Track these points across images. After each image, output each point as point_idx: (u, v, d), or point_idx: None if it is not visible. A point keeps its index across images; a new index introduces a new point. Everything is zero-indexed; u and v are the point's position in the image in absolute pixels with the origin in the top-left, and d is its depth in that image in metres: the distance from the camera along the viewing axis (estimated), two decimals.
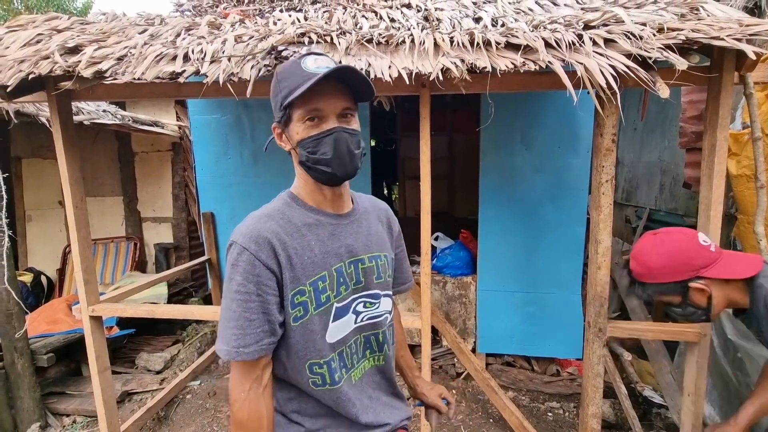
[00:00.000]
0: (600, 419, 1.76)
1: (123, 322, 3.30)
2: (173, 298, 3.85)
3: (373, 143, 6.63)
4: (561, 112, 2.76)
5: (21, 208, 4.20)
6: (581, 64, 1.34)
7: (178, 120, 4.16)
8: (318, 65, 0.79)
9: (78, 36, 1.85)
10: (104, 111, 3.35)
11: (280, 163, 3.04)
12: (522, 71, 1.40)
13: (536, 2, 2.15)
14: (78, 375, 3.06)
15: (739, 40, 1.23)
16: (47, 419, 2.59)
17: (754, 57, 1.24)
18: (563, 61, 1.39)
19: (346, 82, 0.83)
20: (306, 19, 2.27)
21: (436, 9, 2.27)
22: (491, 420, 2.59)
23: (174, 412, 2.69)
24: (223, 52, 1.63)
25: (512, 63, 1.42)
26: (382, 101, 2.22)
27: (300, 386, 0.89)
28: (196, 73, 1.53)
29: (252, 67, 1.53)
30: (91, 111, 3.24)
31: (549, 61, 1.37)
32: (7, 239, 2.37)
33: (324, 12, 2.51)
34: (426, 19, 2.14)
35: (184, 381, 2.94)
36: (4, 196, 2.34)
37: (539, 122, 2.77)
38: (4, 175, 2.33)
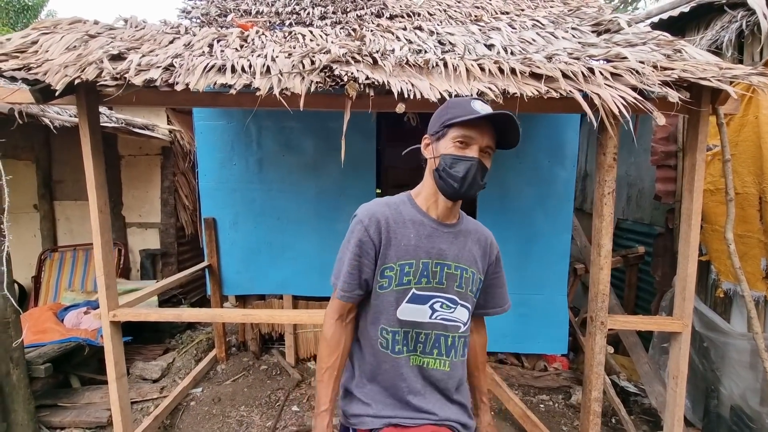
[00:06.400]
0: (601, 402, 2.00)
1: None
2: (163, 306, 3.76)
3: None
4: (550, 130, 3.05)
5: None
6: (596, 94, 1.58)
7: (169, 124, 4.10)
8: (482, 108, 1.01)
9: (112, 42, 1.88)
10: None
11: (286, 171, 3.11)
12: (545, 97, 1.62)
13: (537, 33, 2.42)
14: (67, 387, 2.93)
15: (721, 81, 1.51)
16: None
17: (735, 96, 1.53)
18: (580, 90, 1.62)
19: (498, 128, 1.02)
20: (327, 35, 2.40)
21: (447, 33, 2.48)
22: (492, 413, 2.77)
23: (180, 419, 2.65)
24: (266, 68, 1.73)
25: (537, 90, 1.63)
26: (410, 117, 2.38)
27: (371, 344, 1.11)
28: (248, 85, 1.62)
29: (301, 82, 1.64)
30: None
31: (570, 90, 1.59)
32: (7, 243, 2.28)
33: (341, 29, 2.66)
34: (441, 43, 2.34)
35: (186, 389, 2.90)
36: (7, 199, 2.26)
37: (531, 139, 3.04)
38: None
